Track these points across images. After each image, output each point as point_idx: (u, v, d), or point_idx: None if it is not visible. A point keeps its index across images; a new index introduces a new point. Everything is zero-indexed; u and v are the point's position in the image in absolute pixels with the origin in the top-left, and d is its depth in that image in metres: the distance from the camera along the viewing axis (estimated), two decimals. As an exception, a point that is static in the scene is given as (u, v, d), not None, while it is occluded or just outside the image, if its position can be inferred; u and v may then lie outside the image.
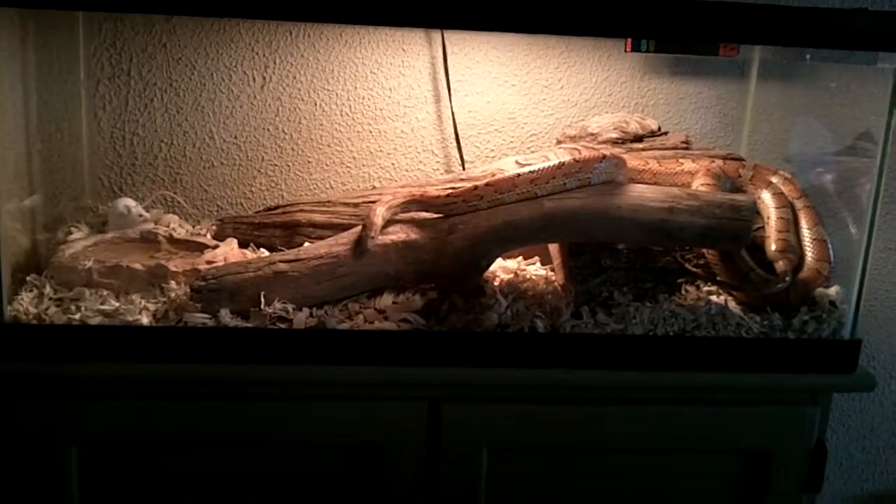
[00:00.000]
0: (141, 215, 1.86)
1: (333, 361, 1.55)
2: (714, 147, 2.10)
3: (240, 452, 1.57)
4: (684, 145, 1.94)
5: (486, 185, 1.64)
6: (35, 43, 1.76)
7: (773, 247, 1.68)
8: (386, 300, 1.64)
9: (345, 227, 1.74)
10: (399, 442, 1.57)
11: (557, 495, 1.65)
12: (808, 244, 1.71)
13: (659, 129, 1.99)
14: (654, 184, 1.75)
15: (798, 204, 1.77)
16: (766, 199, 1.76)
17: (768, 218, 1.74)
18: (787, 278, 1.62)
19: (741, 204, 1.63)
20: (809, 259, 1.70)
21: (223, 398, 1.55)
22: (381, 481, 1.58)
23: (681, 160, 1.83)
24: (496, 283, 1.72)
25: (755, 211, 1.65)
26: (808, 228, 1.73)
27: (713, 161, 1.82)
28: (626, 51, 2.08)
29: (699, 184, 1.73)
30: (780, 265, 1.65)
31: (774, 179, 1.80)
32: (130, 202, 1.87)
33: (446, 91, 2.11)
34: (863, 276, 1.66)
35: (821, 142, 2.05)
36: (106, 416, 1.52)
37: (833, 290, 1.73)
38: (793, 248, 1.69)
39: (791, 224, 1.73)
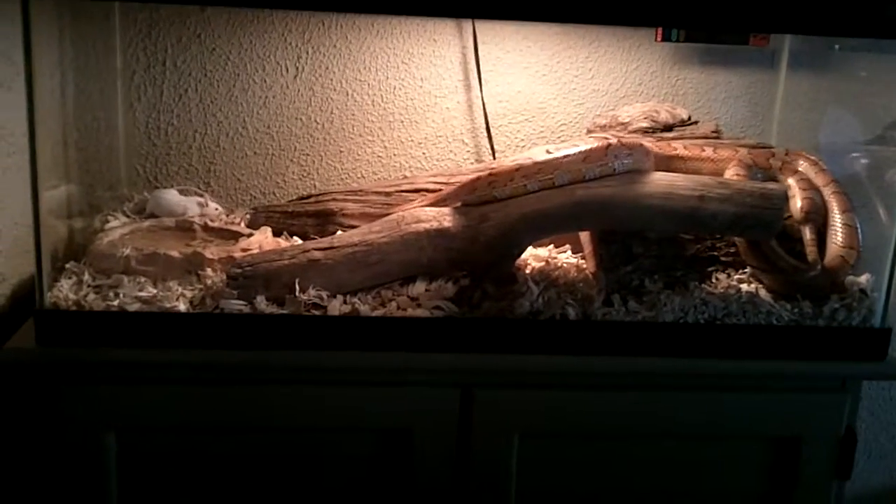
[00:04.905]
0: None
1: (367, 348, 1.56)
2: (744, 136, 2.10)
3: (274, 437, 1.59)
4: (715, 135, 1.95)
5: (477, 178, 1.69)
6: (72, 34, 1.78)
7: (799, 204, 1.70)
8: (419, 288, 1.65)
9: (377, 216, 1.76)
10: (431, 428, 1.59)
11: (588, 482, 1.66)
12: (839, 228, 1.71)
13: (689, 118, 1.99)
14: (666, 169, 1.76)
15: (827, 190, 1.77)
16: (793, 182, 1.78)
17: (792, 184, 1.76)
18: (819, 266, 1.62)
19: (772, 192, 1.63)
20: (838, 246, 1.70)
21: (258, 383, 1.56)
22: (413, 467, 1.60)
23: (705, 147, 1.84)
24: (528, 271, 1.73)
25: (786, 199, 1.66)
26: (840, 213, 1.73)
27: (715, 149, 1.83)
28: (656, 40, 2.09)
29: (731, 174, 1.73)
30: (806, 230, 1.67)
31: (803, 163, 1.81)
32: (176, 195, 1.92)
33: (477, 81, 2.12)
34: (893, 265, 1.65)
35: (851, 131, 2.05)
36: (144, 402, 1.54)
37: (864, 278, 1.73)
38: (818, 207, 1.70)
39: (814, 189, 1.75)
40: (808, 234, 1.67)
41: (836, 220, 1.72)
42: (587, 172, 1.64)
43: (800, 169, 1.79)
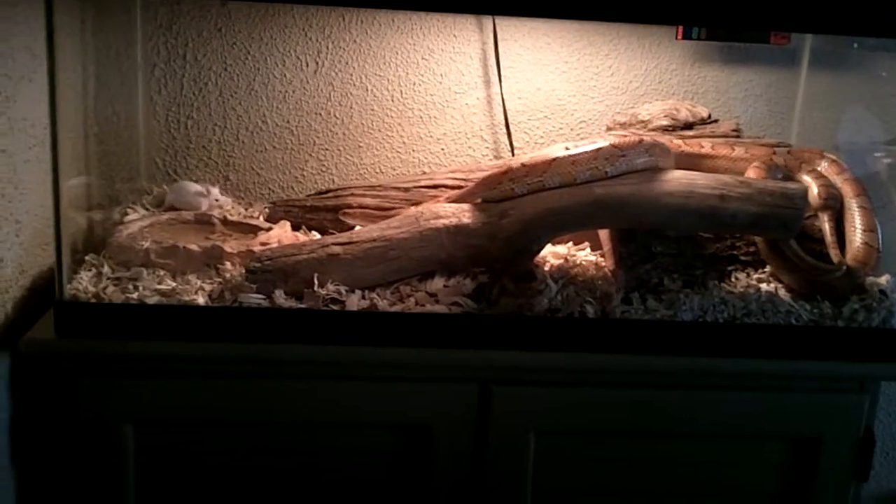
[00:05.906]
0: (217, 199, 1.93)
1: (385, 343, 1.56)
2: (764, 135, 2.09)
3: (292, 432, 1.59)
4: (735, 133, 1.94)
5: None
6: (93, 27, 1.79)
7: (815, 191, 1.70)
8: (437, 283, 1.65)
9: (393, 213, 1.76)
10: (449, 424, 1.59)
11: (604, 480, 1.66)
12: (856, 211, 1.71)
13: (709, 116, 1.99)
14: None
15: (840, 178, 1.77)
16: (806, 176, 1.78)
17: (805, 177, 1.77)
18: (844, 267, 1.62)
19: (792, 192, 1.63)
20: (859, 230, 1.69)
21: (276, 378, 1.57)
22: (430, 462, 1.60)
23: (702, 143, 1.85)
24: (546, 268, 1.72)
25: (806, 199, 1.65)
26: (854, 197, 1.73)
27: (713, 146, 1.83)
28: (677, 38, 2.08)
29: (751, 174, 1.73)
30: (824, 218, 1.68)
31: (809, 156, 1.82)
32: (199, 186, 1.92)
33: (497, 77, 2.11)
34: (914, 266, 1.66)
35: (871, 130, 2.04)
36: (162, 394, 1.55)
37: (884, 279, 1.72)
38: (834, 196, 1.71)
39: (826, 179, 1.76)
40: (826, 221, 1.66)
41: (852, 204, 1.72)
42: (578, 175, 1.63)
43: (806, 161, 1.80)
